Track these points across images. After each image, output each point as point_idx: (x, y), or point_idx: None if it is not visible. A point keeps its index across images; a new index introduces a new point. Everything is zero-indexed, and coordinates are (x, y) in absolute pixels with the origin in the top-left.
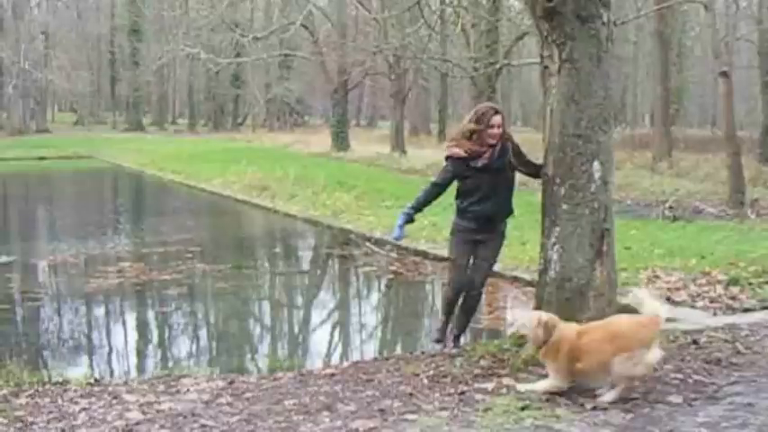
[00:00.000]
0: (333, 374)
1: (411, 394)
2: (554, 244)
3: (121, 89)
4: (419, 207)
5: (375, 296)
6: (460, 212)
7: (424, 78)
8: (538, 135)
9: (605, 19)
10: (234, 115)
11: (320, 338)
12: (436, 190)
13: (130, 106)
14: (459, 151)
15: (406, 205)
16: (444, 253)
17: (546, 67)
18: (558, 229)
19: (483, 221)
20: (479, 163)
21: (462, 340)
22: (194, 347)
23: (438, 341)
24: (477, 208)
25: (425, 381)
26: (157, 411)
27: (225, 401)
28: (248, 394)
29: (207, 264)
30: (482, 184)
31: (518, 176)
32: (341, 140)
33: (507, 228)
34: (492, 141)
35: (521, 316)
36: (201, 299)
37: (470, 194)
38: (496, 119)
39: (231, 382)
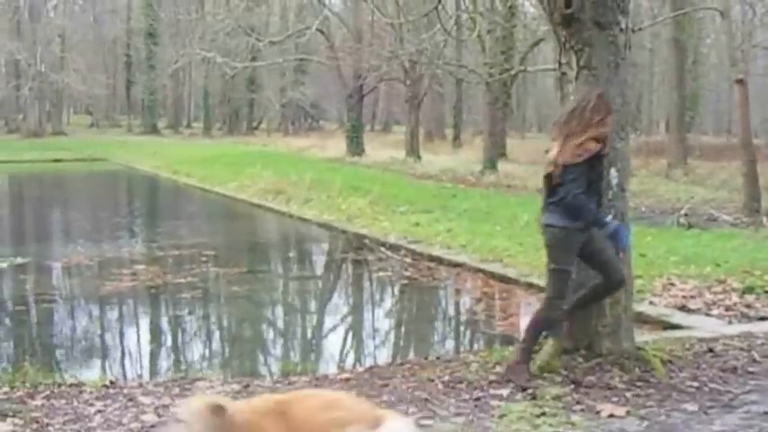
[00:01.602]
0: (348, 379)
1: (426, 400)
2: None
3: (137, 92)
4: None
5: (389, 301)
6: (575, 216)
7: (438, 84)
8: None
9: (623, 26)
10: (249, 119)
11: (334, 343)
12: None
13: (145, 109)
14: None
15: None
16: (459, 259)
17: (563, 74)
18: None
19: None
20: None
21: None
22: (208, 351)
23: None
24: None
25: (441, 386)
26: (173, 414)
27: None
28: None
29: (221, 267)
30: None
31: (535, 182)
32: (356, 145)
33: None
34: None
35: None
36: (215, 302)
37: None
38: None
39: (246, 386)
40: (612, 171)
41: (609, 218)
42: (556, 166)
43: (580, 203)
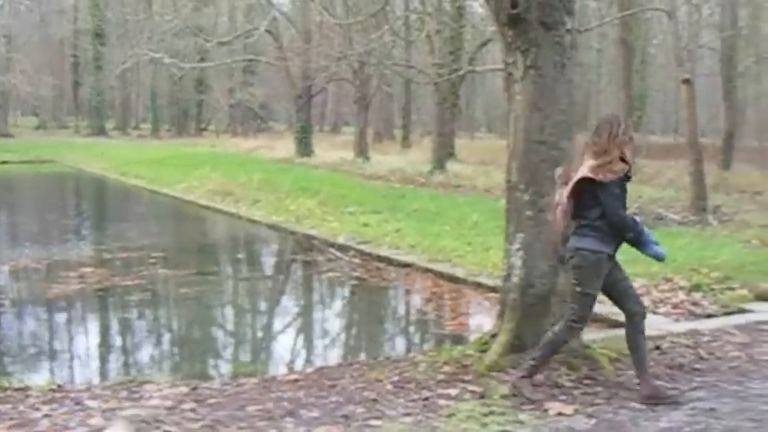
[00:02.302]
0: (296, 380)
1: (375, 400)
2: (517, 250)
3: (84, 93)
4: None
5: (339, 302)
6: (608, 242)
7: (387, 84)
8: (502, 142)
9: (569, 26)
10: (197, 120)
11: (284, 344)
12: None
13: (93, 111)
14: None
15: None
16: (408, 259)
17: (510, 74)
18: (521, 235)
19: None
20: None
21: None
22: (157, 353)
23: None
24: None
25: (389, 386)
26: (120, 418)
27: (188, 407)
28: (212, 400)
29: (170, 269)
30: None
31: (483, 182)
32: (304, 146)
33: None
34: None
35: None
36: (164, 304)
37: None
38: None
39: (194, 388)
40: (559, 170)
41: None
42: (594, 183)
43: (625, 219)
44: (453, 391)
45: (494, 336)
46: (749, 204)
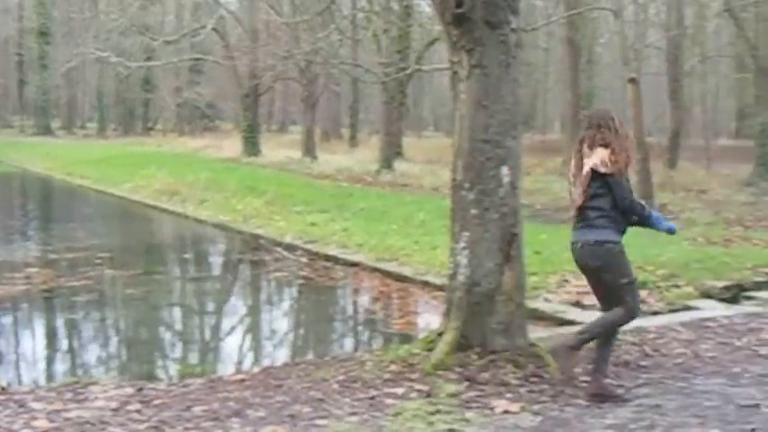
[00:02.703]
0: (243, 380)
1: (321, 399)
2: (463, 248)
3: (29, 92)
4: None
5: (286, 301)
6: (622, 231)
7: (335, 83)
8: (449, 140)
9: (514, 25)
10: (144, 119)
11: (231, 344)
12: None
13: (38, 110)
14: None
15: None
16: (356, 258)
17: (455, 73)
18: (467, 233)
19: None
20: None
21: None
22: (104, 354)
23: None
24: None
25: (335, 386)
26: (65, 419)
27: (133, 409)
28: (157, 401)
29: (116, 269)
30: None
31: (431, 181)
32: (252, 145)
33: None
34: None
35: None
36: (111, 305)
37: None
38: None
39: (140, 389)
40: (504, 169)
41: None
42: (606, 174)
43: (634, 203)
44: (400, 390)
45: (440, 334)
46: (695, 202)
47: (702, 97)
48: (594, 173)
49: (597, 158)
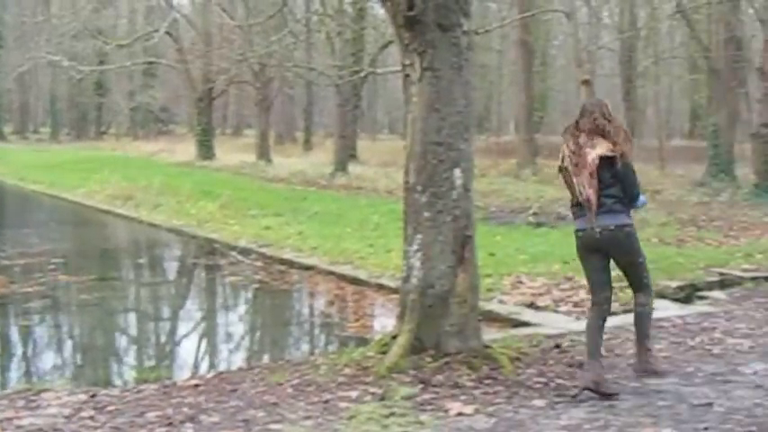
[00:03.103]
0: (197, 385)
1: (275, 404)
2: (416, 251)
3: None
4: None
5: (242, 306)
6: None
7: (289, 86)
8: (403, 143)
9: (466, 28)
10: (97, 124)
11: (187, 349)
12: None
13: None
14: None
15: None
16: (311, 261)
17: (407, 76)
18: (420, 236)
19: None
20: None
21: None
22: (58, 361)
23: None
24: None
25: (290, 390)
26: (17, 427)
27: (87, 415)
28: (111, 407)
29: (71, 275)
30: None
31: (385, 184)
32: (206, 149)
33: None
34: None
35: None
36: (65, 311)
37: None
38: None
39: (93, 396)
40: (457, 171)
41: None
42: (622, 161)
43: (639, 191)
44: (354, 394)
45: (394, 337)
46: (649, 203)
47: (656, 98)
48: (603, 161)
49: (604, 148)
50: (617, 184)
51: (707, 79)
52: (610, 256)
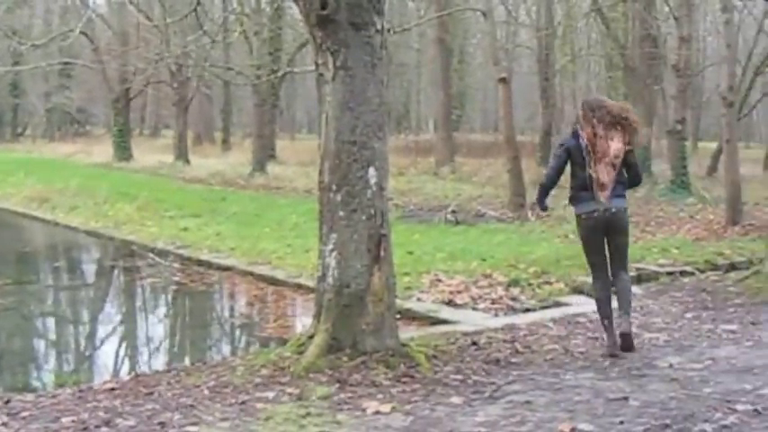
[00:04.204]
0: (113, 389)
1: (192, 406)
2: (332, 250)
3: None
4: None
5: (160, 308)
6: None
7: (206, 86)
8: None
9: (379, 26)
10: (13, 125)
11: (106, 353)
12: None
13: None
14: None
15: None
16: (229, 262)
17: (321, 75)
18: (335, 235)
19: None
20: None
21: None
22: None
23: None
24: None
25: (206, 392)
26: None
27: (0, 422)
28: (25, 413)
29: None
30: None
31: (304, 183)
32: (123, 150)
33: None
34: None
35: None
36: None
37: None
38: None
39: (7, 402)
40: (371, 170)
41: None
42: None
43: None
44: (271, 394)
45: (310, 337)
46: (565, 200)
47: (573, 95)
48: (629, 152)
49: (621, 141)
50: (624, 171)
51: (623, 76)
52: (608, 236)
